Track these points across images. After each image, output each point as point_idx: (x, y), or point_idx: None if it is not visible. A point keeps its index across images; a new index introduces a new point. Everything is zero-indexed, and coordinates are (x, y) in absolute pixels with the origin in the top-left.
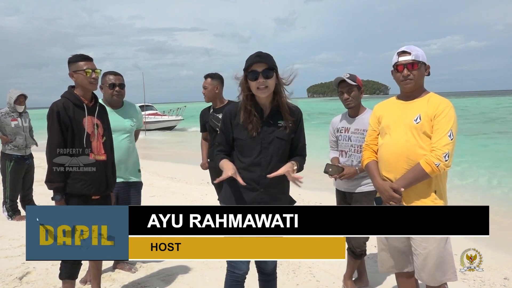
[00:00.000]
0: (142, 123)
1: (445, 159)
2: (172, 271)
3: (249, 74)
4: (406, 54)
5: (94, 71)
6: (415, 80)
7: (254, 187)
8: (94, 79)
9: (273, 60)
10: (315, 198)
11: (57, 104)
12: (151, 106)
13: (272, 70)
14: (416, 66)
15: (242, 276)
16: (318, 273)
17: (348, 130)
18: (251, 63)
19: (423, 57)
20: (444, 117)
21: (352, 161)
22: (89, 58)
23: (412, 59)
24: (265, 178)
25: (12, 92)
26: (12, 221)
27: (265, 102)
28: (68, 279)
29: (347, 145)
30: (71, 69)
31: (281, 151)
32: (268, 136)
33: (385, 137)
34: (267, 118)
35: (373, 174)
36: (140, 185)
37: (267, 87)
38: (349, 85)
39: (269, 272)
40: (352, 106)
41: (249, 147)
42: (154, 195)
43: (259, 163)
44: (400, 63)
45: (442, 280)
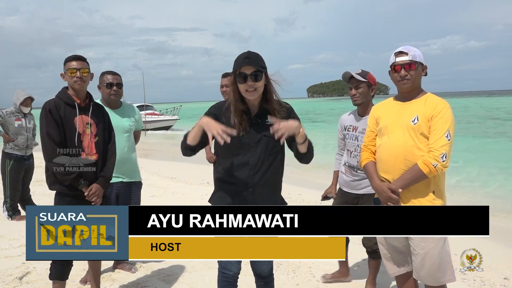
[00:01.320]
0: (142, 124)
1: (443, 159)
2: (172, 271)
3: (237, 77)
4: (404, 55)
5: (79, 71)
6: (412, 80)
7: (242, 187)
8: (78, 78)
9: (262, 61)
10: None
11: (49, 103)
12: (151, 106)
13: (261, 73)
14: (414, 66)
15: (233, 276)
16: (318, 273)
17: (355, 129)
18: (240, 66)
19: (420, 57)
20: (441, 118)
21: (358, 162)
22: (78, 57)
23: (409, 60)
24: (254, 178)
25: (19, 93)
26: (12, 221)
27: (254, 102)
28: (57, 280)
29: (353, 144)
30: (63, 70)
31: (269, 149)
32: (256, 136)
33: (383, 138)
34: (255, 117)
35: (371, 175)
36: (140, 185)
37: (256, 89)
38: (357, 81)
39: (266, 275)
40: (359, 103)
41: (236, 146)
42: (154, 195)
43: (247, 162)
44: (398, 63)
45: (442, 281)
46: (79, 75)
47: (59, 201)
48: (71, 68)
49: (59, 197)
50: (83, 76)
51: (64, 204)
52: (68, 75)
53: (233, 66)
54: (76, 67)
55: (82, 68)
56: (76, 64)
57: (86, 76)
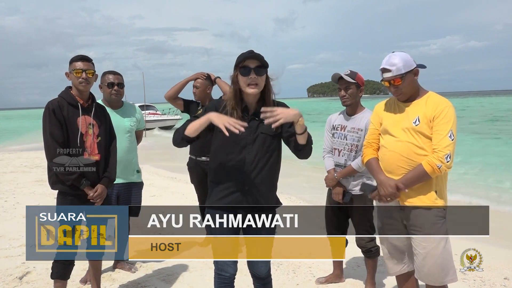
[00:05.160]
0: (144, 124)
1: (447, 160)
2: (172, 271)
3: (241, 70)
4: (387, 71)
5: (85, 72)
6: (403, 91)
7: (239, 185)
8: (84, 79)
9: (265, 59)
10: (315, 198)
11: (52, 102)
12: (152, 106)
13: (265, 68)
14: (399, 81)
15: (229, 278)
16: (318, 273)
17: (344, 128)
18: (244, 58)
19: (407, 65)
20: (444, 118)
21: (346, 160)
22: (84, 58)
23: (393, 76)
24: (250, 175)
25: None
26: (12, 221)
27: (252, 101)
28: (59, 279)
29: (341, 143)
30: (68, 69)
31: (266, 146)
32: (252, 133)
33: (385, 139)
34: (252, 115)
35: (376, 170)
36: (141, 185)
37: (257, 84)
38: (346, 82)
39: (264, 276)
40: (348, 103)
41: (233, 143)
42: (154, 195)
43: (244, 159)
44: (385, 79)
45: (443, 281)
46: (84, 76)
47: (61, 201)
48: (77, 68)
49: (61, 196)
50: (89, 77)
51: (67, 203)
52: (73, 75)
53: (236, 62)
54: (82, 68)
55: (88, 69)
56: (82, 65)
57: (91, 77)
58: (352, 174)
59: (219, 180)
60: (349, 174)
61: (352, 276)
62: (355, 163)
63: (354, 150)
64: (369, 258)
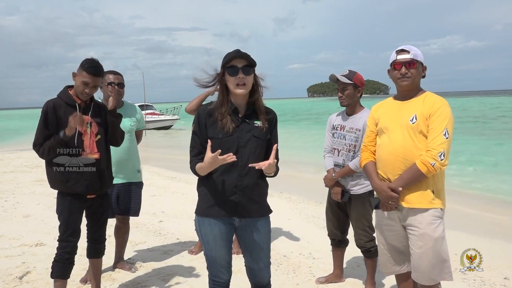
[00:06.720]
0: (144, 124)
1: (440, 158)
2: (172, 271)
3: (228, 70)
4: (405, 53)
5: (92, 87)
6: (412, 78)
7: (231, 190)
8: (86, 93)
9: (252, 58)
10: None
11: (48, 103)
12: (151, 106)
13: (252, 68)
14: (415, 65)
15: (224, 283)
16: (318, 273)
17: (343, 128)
18: (231, 58)
19: (421, 57)
20: (439, 116)
21: (344, 160)
22: (97, 73)
23: (410, 58)
24: (243, 180)
25: None
26: (12, 221)
27: (241, 102)
28: (59, 279)
29: (341, 143)
30: (77, 71)
31: (258, 151)
32: (245, 135)
33: (382, 138)
34: (243, 118)
35: (371, 175)
36: (140, 185)
37: (245, 84)
38: (343, 83)
39: (265, 284)
40: (345, 104)
41: (225, 147)
42: (154, 195)
43: (236, 163)
44: (399, 61)
45: (436, 280)
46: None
47: (61, 201)
48: (86, 82)
49: (60, 196)
50: (91, 93)
51: (66, 203)
52: (79, 83)
53: (223, 61)
54: (92, 84)
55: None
56: (93, 80)
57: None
58: (350, 174)
59: (210, 185)
60: (347, 174)
61: (352, 276)
62: (352, 164)
63: (352, 150)
64: (369, 258)
